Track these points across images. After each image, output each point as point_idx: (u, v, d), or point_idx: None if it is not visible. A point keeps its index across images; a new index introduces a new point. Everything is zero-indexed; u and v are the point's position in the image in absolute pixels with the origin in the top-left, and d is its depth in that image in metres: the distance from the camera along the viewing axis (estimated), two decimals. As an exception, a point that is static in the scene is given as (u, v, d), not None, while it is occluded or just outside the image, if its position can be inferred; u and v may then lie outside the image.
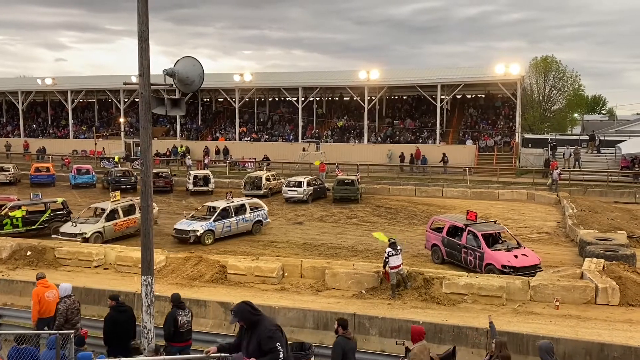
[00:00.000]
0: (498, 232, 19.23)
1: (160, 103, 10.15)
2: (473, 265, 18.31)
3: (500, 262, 17.47)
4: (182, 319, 10.46)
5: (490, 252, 17.91)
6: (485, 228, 19.01)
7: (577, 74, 58.79)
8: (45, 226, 24.04)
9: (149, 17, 9.79)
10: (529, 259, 17.72)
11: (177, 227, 23.18)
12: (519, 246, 18.55)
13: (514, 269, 17.11)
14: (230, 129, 51.84)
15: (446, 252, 19.65)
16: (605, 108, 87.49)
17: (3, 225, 23.10)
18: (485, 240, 18.22)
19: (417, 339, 8.82)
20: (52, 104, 59.71)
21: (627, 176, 37.29)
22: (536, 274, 16.76)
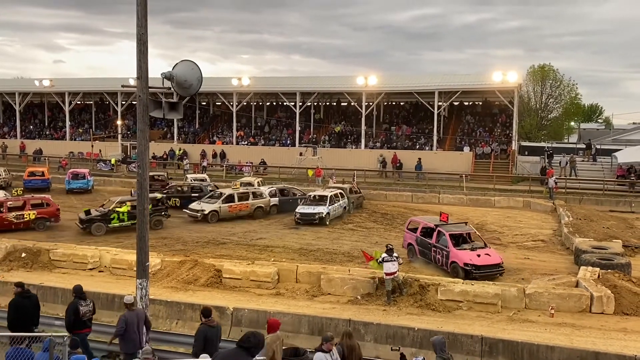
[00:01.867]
0: (467, 233, 20.22)
1: (158, 106, 10.16)
2: (441, 264, 19.31)
3: (463, 260, 18.42)
4: (83, 308, 11.03)
5: (455, 250, 18.85)
6: (453, 229, 20.05)
7: (574, 83, 59.02)
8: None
9: (147, 20, 9.80)
10: (491, 259, 18.66)
11: (302, 212, 27.61)
12: (485, 246, 19.52)
13: (476, 267, 18.12)
14: (227, 133, 51.82)
15: (419, 250, 20.66)
16: (601, 117, 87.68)
17: (111, 220, 25.32)
18: (453, 240, 19.19)
19: (272, 331, 9.32)
20: (49, 105, 59.59)
21: (623, 185, 37.39)
22: (497, 272, 18.44)
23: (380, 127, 48.66)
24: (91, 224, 25.08)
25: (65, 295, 15.14)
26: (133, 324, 10.26)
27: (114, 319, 14.17)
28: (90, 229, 24.90)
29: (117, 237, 24.32)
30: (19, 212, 25.39)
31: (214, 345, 9.59)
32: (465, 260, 18.40)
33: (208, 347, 9.40)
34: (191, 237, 24.46)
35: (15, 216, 25.24)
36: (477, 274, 17.95)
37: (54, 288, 15.64)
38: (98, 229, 24.94)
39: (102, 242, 23.12)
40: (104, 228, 25.06)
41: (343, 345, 9.19)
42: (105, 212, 25.51)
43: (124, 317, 10.38)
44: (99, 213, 25.56)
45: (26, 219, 25.33)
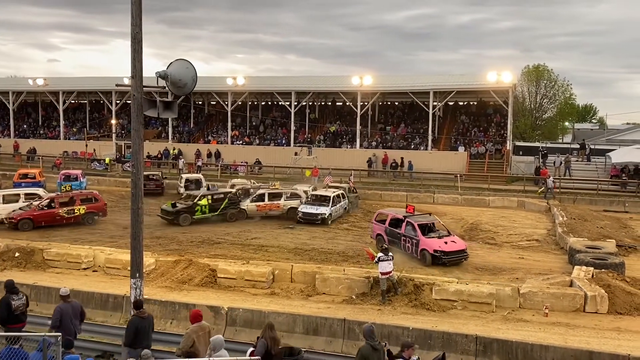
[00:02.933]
0: (432, 223, 21.66)
1: (153, 105, 10.12)
2: (410, 251, 20.72)
3: (432, 248, 19.90)
4: (15, 302, 11.01)
5: (425, 239, 20.29)
6: (421, 219, 21.58)
7: (568, 83, 59.15)
8: (224, 212, 28.03)
9: (142, 19, 9.76)
10: (457, 245, 20.30)
11: (304, 211, 27.55)
12: (449, 234, 21.12)
13: (444, 253, 19.69)
14: (222, 133, 51.74)
15: (388, 240, 21.79)
16: (595, 117, 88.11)
17: (195, 212, 27.53)
18: (421, 230, 20.62)
19: (195, 321, 9.85)
20: (43, 104, 59.33)
21: (617, 185, 37.54)
22: (462, 258, 20.10)
23: (375, 127, 48.69)
24: (179, 215, 27.18)
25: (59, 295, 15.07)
26: (68, 315, 10.53)
27: (107, 319, 14.19)
28: (178, 220, 26.97)
29: (112, 236, 24.24)
30: (70, 207, 26.32)
31: (145, 336, 10.05)
32: (434, 247, 19.87)
33: (139, 338, 9.87)
34: (186, 237, 24.41)
35: (67, 211, 26.20)
36: (445, 259, 19.63)
37: (47, 288, 15.57)
38: (185, 219, 27.08)
39: (96, 241, 23.04)
40: (190, 219, 27.16)
41: (266, 337, 9.35)
42: (190, 204, 27.72)
43: (59, 308, 10.61)
44: (185, 205, 27.75)
45: (77, 214, 26.29)
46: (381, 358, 8.90)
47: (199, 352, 9.44)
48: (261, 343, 9.23)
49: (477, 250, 22.98)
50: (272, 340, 9.31)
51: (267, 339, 9.33)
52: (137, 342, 9.91)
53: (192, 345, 9.49)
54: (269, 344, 9.25)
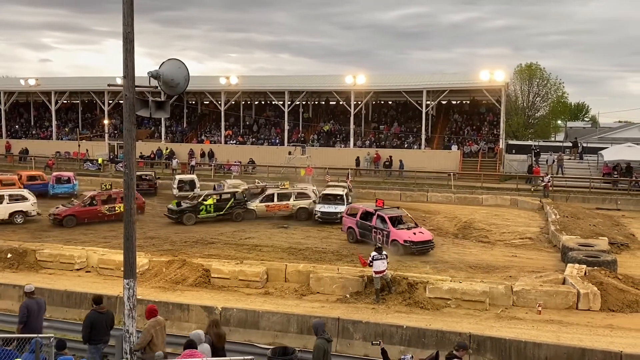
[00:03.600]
0: (401, 216, 23.05)
1: (145, 105, 10.06)
2: (381, 242, 21.38)
3: (402, 238, 21.26)
4: None
5: (395, 230, 21.67)
6: (390, 212, 22.89)
7: (560, 82, 59.33)
8: (230, 212, 27.97)
9: (134, 19, 9.72)
10: (424, 236, 21.83)
11: (323, 210, 27.37)
12: (417, 226, 22.53)
13: (413, 243, 21.06)
14: (215, 132, 51.62)
15: (360, 232, 23.22)
16: (588, 115, 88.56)
17: (200, 211, 27.51)
18: (391, 222, 21.96)
19: (151, 316, 10.18)
20: (35, 104, 58.99)
21: (609, 183, 37.73)
22: (429, 247, 21.57)
23: (369, 126, 48.72)
24: (183, 214, 27.23)
25: (51, 296, 15.04)
26: (34, 311, 10.58)
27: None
28: (182, 219, 27.02)
29: (105, 237, 24.16)
30: (111, 205, 27.34)
31: (103, 331, 10.28)
32: (404, 237, 21.28)
33: (95, 332, 10.08)
34: (179, 237, 24.35)
35: (108, 209, 27.29)
36: (414, 249, 21.07)
37: (40, 289, 15.45)
38: (189, 219, 27.13)
39: (89, 242, 22.96)
40: (194, 218, 27.24)
41: (211, 334, 9.61)
42: (195, 204, 27.80)
43: (25, 305, 10.65)
44: (190, 205, 27.81)
45: (117, 212, 26.63)
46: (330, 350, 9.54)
47: (157, 346, 9.77)
48: (207, 339, 9.46)
49: (471, 248, 23.07)
50: (216, 337, 9.57)
51: (212, 335, 9.59)
52: (95, 337, 10.05)
53: (151, 340, 9.79)
54: (213, 340, 9.50)
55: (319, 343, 9.37)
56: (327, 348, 9.30)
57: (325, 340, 9.38)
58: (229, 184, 32.56)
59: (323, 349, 9.22)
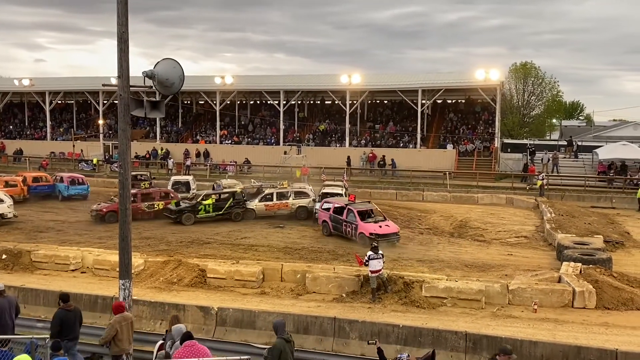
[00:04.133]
0: (371, 210, 23.98)
1: (140, 105, 10.05)
2: (350, 235, 23.16)
3: (368, 231, 22.31)
4: None
5: (362, 223, 22.76)
6: (360, 207, 23.90)
7: (555, 80, 59.45)
8: (229, 212, 27.93)
9: (128, 19, 9.70)
10: (390, 229, 22.74)
11: None
12: (385, 219, 23.52)
13: (378, 235, 21.83)
14: (211, 132, 51.54)
15: (332, 226, 24.39)
16: (582, 114, 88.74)
17: (199, 211, 27.51)
18: (360, 216, 23.05)
19: (117, 312, 10.31)
20: (29, 105, 58.79)
21: (604, 181, 37.86)
22: (395, 239, 22.48)
23: (364, 126, 48.74)
24: (182, 214, 27.28)
25: (47, 297, 15.00)
26: (5, 310, 10.57)
27: (97, 320, 14.10)
28: (181, 219, 27.08)
29: (100, 237, 24.09)
30: (150, 202, 28.45)
31: (72, 328, 10.37)
32: (370, 230, 22.29)
33: (65, 330, 10.21)
34: (175, 237, 24.29)
35: (148, 206, 28.28)
36: (380, 241, 20.86)
37: (35, 290, 15.45)
38: (188, 219, 27.17)
39: (84, 242, 22.87)
40: (193, 218, 27.24)
41: None
42: (194, 204, 27.90)
43: None
44: (189, 205, 27.91)
45: (156, 209, 28.16)
46: (292, 349, 9.58)
47: (122, 341, 10.06)
48: (170, 336, 9.58)
49: (467, 247, 23.11)
50: None
51: None
52: (63, 334, 10.09)
53: (116, 335, 10.03)
54: None
55: (276, 342, 9.39)
56: (284, 348, 9.28)
57: (283, 340, 9.35)
58: (224, 184, 32.57)
59: (280, 349, 9.18)
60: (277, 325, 9.62)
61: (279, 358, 9.13)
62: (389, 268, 17.35)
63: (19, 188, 32.04)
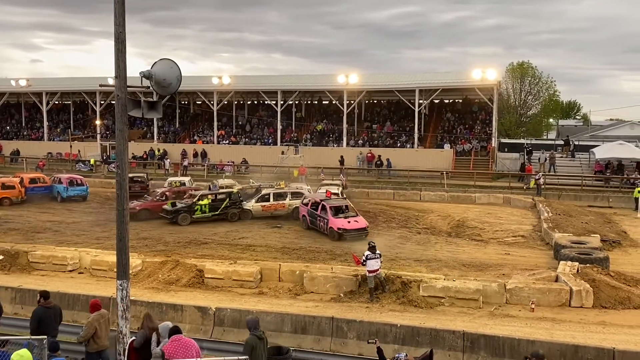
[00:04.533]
0: (345, 206, 25.15)
1: (137, 105, 10.01)
2: (323, 230, 24.38)
3: (337, 226, 23.57)
4: None
5: (333, 219, 23.91)
6: (333, 203, 25.10)
7: (552, 80, 59.64)
8: (225, 212, 27.91)
9: (125, 19, 9.68)
10: (358, 224, 23.94)
11: None
12: (356, 215, 24.62)
13: (345, 230, 23.40)
14: (208, 132, 51.51)
15: (310, 220, 25.57)
16: (579, 113, 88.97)
17: (195, 211, 27.44)
18: (333, 211, 24.23)
19: (94, 310, 10.56)
20: (26, 105, 58.70)
21: (601, 180, 37.95)
22: (363, 234, 23.49)
23: (362, 126, 48.77)
24: (178, 214, 27.16)
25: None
26: None
27: (94, 321, 14.04)
28: (177, 220, 27.00)
29: (97, 238, 24.06)
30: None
31: (51, 326, 10.50)
32: (338, 225, 23.55)
33: (43, 327, 10.33)
34: (172, 238, 24.27)
35: None
36: (346, 235, 23.32)
37: (32, 291, 15.38)
38: (184, 219, 27.09)
39: (82, 243, 22.84)
40: (189, 218, 27.16)
41: (146, 327, 9.71)
42: (190, 204, 27.67)
43: None
44: (185, 205, 27.70)
45: None
46: (265, 347, 9.72)
47: (101, 339, 10.28)
48: (141, 333, 9.63)
49: (464, 246, 23.13)
50: (151, 330, 9.70)
51: (147, 329, 9.71)
52: (42, 332, 10.11)
53: (95, 333, 10.23)
54: (148, 334, 9.64)
55: (248, 339, 9.54)
56: (256, 345, 9.42)
57: (256, 337, 9.49)
58: (221, 184, 32.56)
59: (251, 346, 9.35)
60: (250, 323, 9.77)
61: (251, 354, 9.27)
62: (386, 268, 17.36)
63: (16, 189, 31.89)
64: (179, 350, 8.74)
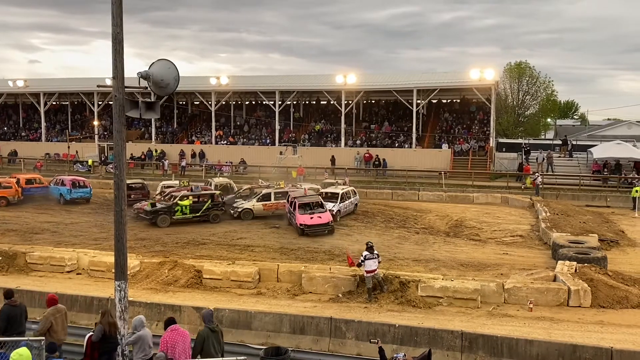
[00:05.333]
0: (316, 202, 25.67)
1: (135, 106, 10.01)
2: (294, 226, 25.01)
3: (299, 222, 24.39)
4: None
5: (298, 215, 24.61)
6: (305, 199, 25.80)
7: (550, 80, 59.70)
8: (206, 213, 27.53)
9: (123, 19, 9.67)
10: (321, 220, 24.47)
11: None
12: (325, 211, 25.05)
13: (307, 226, 24.18)
14: (206, 133, 51.48)
15: (288, 217, 26.40)
16: (577, 113, 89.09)
17: (175, 212, 26.99)
18: (303, 208, 24.98)
19: (51, 305, 10.72)
20: (24, 106, 58.61)
21: (598, 180, 37.99)
22: (326, 230, 24.37)
23: (360, 126, 48.77)
24: (157, 216, 26.68)
25: (42, 299, 14.89)
26: None
27: (92, 321, 14.04)
28: (156, 221, 26.46)
29: (96, 239, 24.02)
30: None
31: (18, 323, 10.68)
32: (301, 221, 24.32)
33: (11, 325, 10.50)
34: (170, 238, 24.25)
35: None
36: (308, 231, 24.15)
37: (30, 292, 15.39)
38: (163, 220, 26.60)
39: (80, 244, 22.81)
40: (169, 220, 26.73)
41: (104, 323, 9.98)
42: (170, 205, 27.20)
43: None
44: (164, 206, 27.18)
45: None
46: (219, 339, 9.88)
47: (57, 333, 10.44)
48: (99, 328, 9.89)
49: (462, 246, 23.15)
50: (109, 325, 9.94)
51: (105, 324, 9.93)
52: (10, 330, 10.29)
53: (51, 327, 10.39)
54: (105, 329, 9.89)
55: (200, 331, 9.77)
56: (208, 336, 9.61)
57: (208, 330, 9.69)
58: (216, 182, 32.49)
59: (203, 337, 9.57)
60: (205, 316, 10.01)
61: (202, 345, 9.52)
62: (385, 268, 17.37)
63: (13, 190, 31.83)
64: (178, 338, 9.48)
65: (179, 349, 9.42)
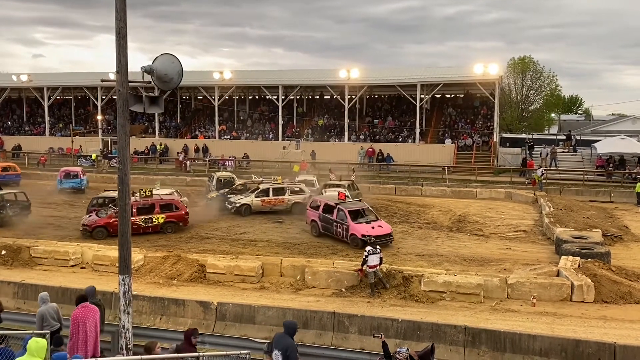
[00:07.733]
0: (363, 209, 22.74)
1: (138, 100, 10.02)
2: (341, 236, 21.97)
3: (360, 232, 21.05)
4: None
5: (354, 224, 21.51)
6: (351, 206, 22.67)
7: (554, 74, 59.48)
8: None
9: (127, 14, 9.67)
10: (383, 230, 21.51)
11: None
12: (377, 219, 22.37)
13: (370, 237, 19.92)
14: (209, 127, 51.49)
15: (322, 226, 23.10)
16: (581, 108, 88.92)
17: None
18: (351, 216, 21.77)
19: None
20: (27, 100, 58.67)
21: (602, 175, 37.90)
22: (388, 241, 21.32)
23: (363, 120, 48.73)
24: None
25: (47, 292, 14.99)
26: None
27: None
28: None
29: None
30: (148, 215, 23.81)
31: None
32: (362, 232, 20.97)
33: None
34: (174, 233, 24.28)
35: (145, 220, 23.69)
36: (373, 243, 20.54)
37: (35, 285, 15.46)
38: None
39: (83, 238, 22.86)
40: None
41: None
42: None
43: None
44: None
45: (155, 223, 23.85)
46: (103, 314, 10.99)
47: None
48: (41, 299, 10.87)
49: (465, 241, 23.15)
50: None
51: None
52: None
53: None
54: None
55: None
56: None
57: None
58: (218, 176, 32.54)
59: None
60: (89, 292, 11.00)
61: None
62: (388, 262, 17.39)
63: None
64: (88, 314, 10.24)
65: (90, 323, 10.11)
